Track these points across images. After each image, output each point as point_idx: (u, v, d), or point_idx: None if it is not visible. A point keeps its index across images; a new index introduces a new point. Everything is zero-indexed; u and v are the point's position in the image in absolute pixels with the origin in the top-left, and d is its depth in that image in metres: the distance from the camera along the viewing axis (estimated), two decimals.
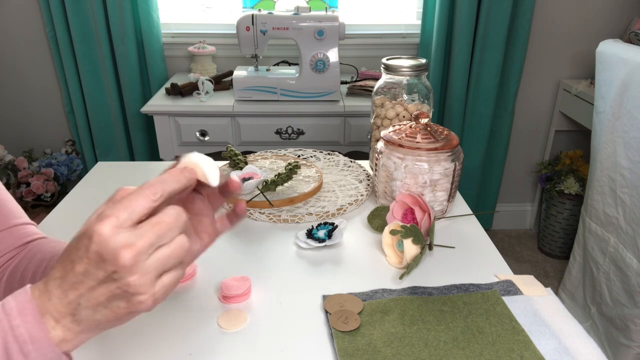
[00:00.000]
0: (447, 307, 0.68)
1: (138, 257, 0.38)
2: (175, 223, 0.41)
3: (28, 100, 2.16)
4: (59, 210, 0.97)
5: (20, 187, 2.02)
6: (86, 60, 1.98)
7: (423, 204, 0.82)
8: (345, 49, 2.06)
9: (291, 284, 0.75)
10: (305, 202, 0.97)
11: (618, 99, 1.40)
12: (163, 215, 0.40)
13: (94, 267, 0.38)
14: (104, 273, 0.38)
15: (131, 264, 0.38)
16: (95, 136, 2.13)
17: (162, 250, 0.40)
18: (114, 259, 0.38)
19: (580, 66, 2.18)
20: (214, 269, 0.78)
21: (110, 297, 0.39)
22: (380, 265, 0.79)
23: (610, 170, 1.47)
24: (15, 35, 2.04)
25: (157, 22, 1.99)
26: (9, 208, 0.65)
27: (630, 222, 1.41)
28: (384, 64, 1.02)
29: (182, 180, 0.43)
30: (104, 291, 0.39)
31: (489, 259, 0.82)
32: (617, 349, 1.50)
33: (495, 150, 2.23)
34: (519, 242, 2.43)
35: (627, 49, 1.36)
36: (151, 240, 0.39)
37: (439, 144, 0.86)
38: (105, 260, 0.38)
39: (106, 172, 1.14)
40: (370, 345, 0.61)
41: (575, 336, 0.63)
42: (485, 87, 2.06)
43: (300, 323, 0.67)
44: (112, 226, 0.38)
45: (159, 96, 1.84)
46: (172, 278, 0.41)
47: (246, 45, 1.70)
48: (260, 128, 1.78)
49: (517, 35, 2.01)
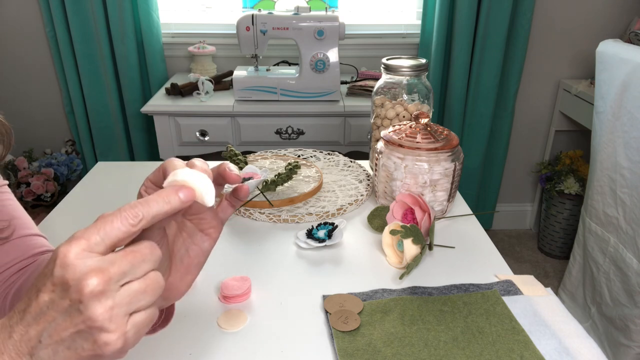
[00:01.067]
0: (447, 307, 0.68)
1: (107, 285, 0.33)
2: (150, 255, 0.36)
3: (28, 100, 2.16)
4: (59, 210, 0.97)
5: (20, 187, 2.02)
6: (86, 60, 1.98)
7: (423, 204, 0.82)
8: (345, 49, 2.06)
9: (291, 284, 0.75)
10: (305, 202, 0.97)
11: (618, 99, 1.40)
12: (139, 245, 0.36)
13: (58, 295, 0.33)
14: (69, 302, 0.33)
15: (99, 292, 0.33)
16: (95, 136, 2.13)
17: (135, 284, 0.35)
18: (79, 284, 0.32)
19: (580, 66, 2.18)
20: (214, 269, 0.78)
21: (74, 334, 0.33)
22: (380, 265, 0.79)
23: (610, 170, 1.47)
24: (15, 35, 2.04)
25: (157, 22, 1.99)
26: (21, 219, 0.64)
27: (630, 222, 1.40)
28: (384, 64, 1.02)
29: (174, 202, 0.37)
30: (67, 325, 0.33)
31: (489, 259, 0.82)
32: (617, 349, 1.50)
33: (495, 150, 2.23)
34: (519, 242, 2.43)
35: (627, 49, 1.36)
36: (123, 269, 0.34)
37: (439, 144, 0.86)
38: (70, 286, 0.33)
39: (106, 172, 1.14)
40: (370, 345, 0.61)
41: (575, 336, 0.63)
42: (485, 87, 2.06)
43: (300, 323, 0.67)
44: (81, 249, 0.33)
45: (159, 96, 1.84)
46: (145, 317, 0.36)
47: (246, 45, 1.70)
48: (260, 128, 1.78)
49: (517, 35, 2.01)
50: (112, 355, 0.34)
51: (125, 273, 0.34)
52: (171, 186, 0.39)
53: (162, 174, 0.43)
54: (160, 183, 0.42)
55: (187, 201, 0.38)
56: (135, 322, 0.35)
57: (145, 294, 0.35)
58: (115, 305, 0.33)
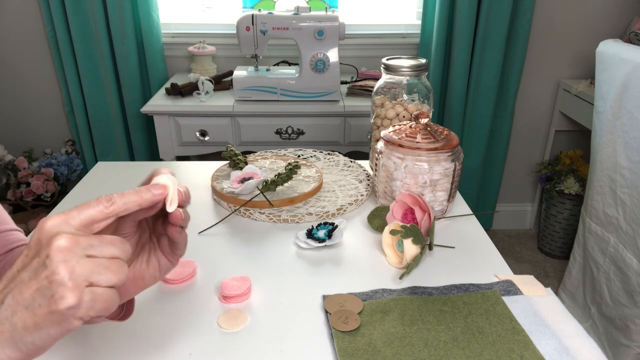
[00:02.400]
0: (447, 307, 0.68)
1: (74, 246, 0.36)
2: (119, 244, 0.39)
3: (28, 100, 2.16)
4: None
5: (20, 187, 2.02)
6: (86, 60, 1.98)
7: (423, 204, 0.82)
8: (345, 49, 2.06)
9: (291, 284, 0.75)
10: (305, 202, 0.97)
11: (618, 99, 1.40)
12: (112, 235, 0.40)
13: (30, 257, 0.37)
14: (38, 259, 0.37)
15: (65, 249, 0.36)
16: (95, 136, 2.13)
17: (99, 259, 0.38)
18: (49, 241, 0.36)
19: (580, 66, 2.18)
20: (214, 269, 0.78)
21: (35, 292, 0.36)
22: (380, 265, 0.79)
23: (610, 170, 1.47)
24: (15, 35, 2.04)
25: (157, 22, 1.99)
26: None
27: (630, 222, 1.40)
28: (384, 64, 1.02)
29: (145, 195, 0.42)
30: (32, 284, 0.36)
31: (489, 259, 0.82)
32: (617, 349, 1.50)
33: (495, 150, 2.23)
34: (519, 242, 2.43)
35: (627, 49, 1.36)
36: (91, 242, 0.38)
37: (439, 144, 0.86)
38: (42, 244, 0.37)
39: (106, 172, 1.14)
40: (370, 345, 0.61)
41: (575, 336, 0.63)
42: (485, 87, 2.06)
43: (300, 323, 0.67)
44: (59, 219, 0.38)
45: (159, 96, 1.84)
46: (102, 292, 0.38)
47: (246, 45, 1.70)
48: (260, 128, 1.78)
49: (517, 35, 2.01)
50: (68, 313, 0.36)
51: (93, 246, 0.38)
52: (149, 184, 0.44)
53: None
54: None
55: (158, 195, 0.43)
56: (92, 291, 0.37)
57: (107, 270, 0.38)
58: (77, 266, 0.36)
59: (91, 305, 0.37)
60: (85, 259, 0.37)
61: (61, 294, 0.36)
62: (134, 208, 0.42)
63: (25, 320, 0.36)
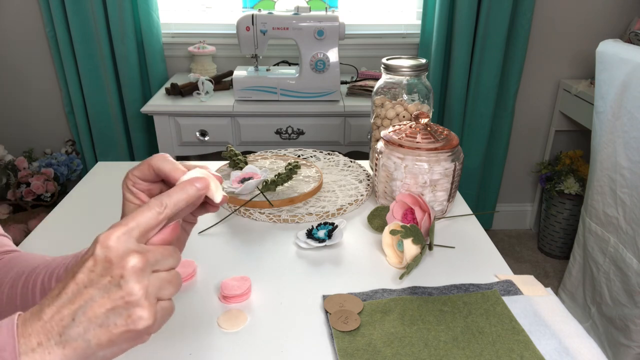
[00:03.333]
0: (447, 307, 0.68)
1: (145, 265, 0.37)
2: (174, 253, 0.40)
3: (28, 100, 2.16)
4: (59, 210, 0.97)
5: (20, 187, 2.02)
6: (86, 60, 1.98)
7: (423, 204, 0.82)
8: (345, 49, 2.06)
9: (291, 284, 0.75)
10: (305, 202, 0.97)
11: (618, 99, 1.40)
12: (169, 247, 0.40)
13: (98, 274, 0.36)
14: (109, 279, 0.36)
15: (139, 269, 0.36)
16: (95, 136, 2.13)
17: (163, 274, 0.39)
18: (122, 261, 0.36)
19: (580, 66, 2.18)
20: (214, 269, 0.78)
21: (109, 311, 0.36)
22: (380, 265, 0.79)
23: (610, 170, 1.47)
24: (15, 35, 2.04)
25: (157, 22, 1.99)
26: None
27: (630, 222, 1.40)
28: (384, 64, 1.02)
29: (190, 191, 0.42)
30: (104, 302, 0.36)
31: (489, 259, 0.82)
32: (617, 349, 1.50)
33: (495, 150, 2.23)
34: (519, 242, 2.43)
35: (627, 49, 1.36)
36: (156, 257, 0.38)
37: (439, 144, 0.86)
38: (113, 264, 0.36)
39: (106, 172, 1.14)
40: (370, 345, 0.61)
41: (575, 336, 0.63)
42: (485, 87, 2.06)
43: (300, 323, 0.67)
44: (121, 233, 0.37)
45: (159, 96, 1.84)
46: (168, 306, 0.39)
47: (246, 45, 1.70)
48: (260, 128, 1.78)
49: (517, 35, 2.01)
50: (143, 331, 0.37)
51: (158, 261, 0.38)
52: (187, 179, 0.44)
53: (151, 171, 0.46)
54: (149, 179, 0.47)
55: (202, 189, 0.43)
56: (162, 307, 0.38)
57: (170, 284, 0.39)
58: (149, 285, 0.37)
59: (162, 320, 0.39)
60: (153, 276, 0.38)
61: (139, 315, 0.36)
62: (184, 206, 0.42)
63: (99, 337, 0.36)
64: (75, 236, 0.88)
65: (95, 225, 0.91)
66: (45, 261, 0.58)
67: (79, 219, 0.94)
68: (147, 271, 0.37)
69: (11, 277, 0.58)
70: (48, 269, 0.56)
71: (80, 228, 0.91)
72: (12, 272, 0.58)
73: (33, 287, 0.55)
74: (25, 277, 0.56)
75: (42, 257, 0.61)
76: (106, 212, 0.94)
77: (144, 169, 0.47)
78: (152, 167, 0.46)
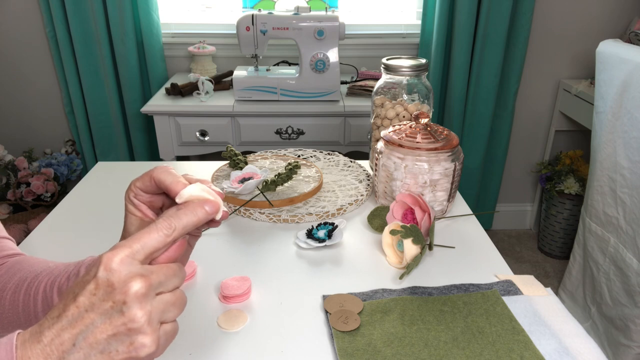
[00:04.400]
0: (447, 307, 0.68)
1: (148, 290, 0.36)
2: (179, 272, 0.39)
3: (28, 100, 2.16)
4: (59, 210, 0.97)
5: (20, 187, 2.02)
6: (86, 60, 1.98)
7: (423, 204, 0.82)
8: (345, 49, 2.06)
9: (291, 284, 0.75)
10: (305, 202, 0.97)
11: (618, 99, 1.40)
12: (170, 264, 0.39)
13: (100, 298, 0.35)
14: (111, 304, 0.35)
15: (142, 295, 0.35)
16: (95, 136, 2.13)
17: (167, 296, 0.38)
18: (124, 287, 0.35)
19: (580, 66, 2.18)
20: (214, 269, 0.78)
21: (111, 337, 0.35)
22: (380, 265, 0.79)
23: (610, 170, 1.47)
24: (15, 36, 2.04)
25: (157, 22, 1.99)
26: None
27: (630, 222, 1.40)
28: (384, 64, 1.02)
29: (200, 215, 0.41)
30: (105, 328, 0.35)
31: (489, 259, 0.82)
32: (617, 349, 1.50)
33: (495, 150, 2.23)
34: (519, 242, 2.43)
35: (627, 49, 1.36)
36: (160, 279, 0.37)
37: (439, 144, 0.86)
38: (115, 288, 0.35)
39: (106, 172, 1.14)
40: (370, 345, 0.61)
41: (575, 336, 0.63)
42: (485, 87, 2.06)
43: (300, 323, 0.67)
44: (125, 255, 0.36)
45: (159, 96, 1.84)
46: (171, 329, 0.38)
47: (246, 45, 1.70)
48: (260, 128, 1.78)
49: (517, 35, 2.01)
50: (146, 358, 0.36)
51: (161, 283, 0.37)
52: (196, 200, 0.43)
53: (152, 182, 0.45)
54: (150, 190, 0.46)
55: (212, 213, 0.42)
56: (165, 330, 0.37)
57: (174, 306, 0.38)
58: (152, 310, 0.36)
59: (165, 344, 0.38)
60: (156, 300, 0.37)
61: (141, 342, 0.35)
62: (192, 229, 0.41)
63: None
64: (75, 236, 0.88)
65: (95, 225, 0.91)
66: (48, 267, 0.58)
67: (79, 219, 0.94)
68: (151, 295, 0.36)
69: (14, 283, 0.57)
70: (50, 277, 0.56)
71: (80, 228, 0.90)
72: (15, 278, 0.58)
73: (35, 295, 0.55)
74: (27, 284, 0.56)
75: (45, 262, 0.60)
76: (106, 212, 0.94)
77: (145, 180, 0.46)
78: (153, 179, 0.45)
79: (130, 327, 0.35)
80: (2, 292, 0.57)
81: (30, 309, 0.55)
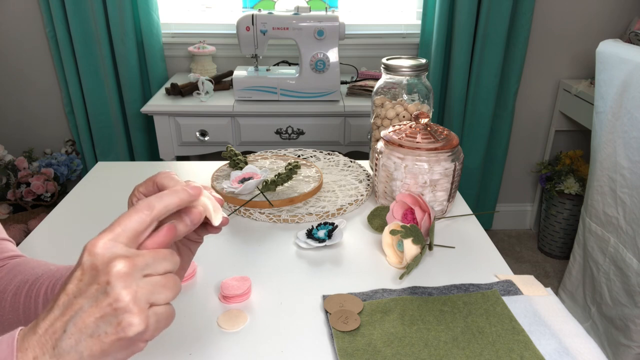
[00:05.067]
0: (447, 307, 0.68)
1: (132, 269, 0.36)
2: (170, 256, 0.39)
3: (28, 100, 2.16)
4: (59, 210, 0.97)
5: (20, 187, 2.02)
6: (86, 60, 1.98)
7: (423, 204, 0.82)
8: (345, 49, 2.06)
9: (291, 284, 0.75)
10: (305, 202, 0.97)
11: (618, 99, 1.40)
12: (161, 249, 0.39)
13: (86, 283, 0.36)
14: (96, 286, 0.36)
15: (125, 274, 0.35)
16: (95, 136, 2.13)
17: (156, 278, 0.38)
18: (107, 267, 0.35)
19: (580, 66, 2.18)
20: (214, 269, 0.78)
21: (98, 320, 0.35)
22: (380, 265, 0.79)
23: (610, 170, 1.47)
24: (15, 35, 2.04)
25: (157, 22, 1.99)
26: None
27: (630, 222, 1.40)
28: (384, 64, 1.02)
29: (182, 195, 0.41)
30: (92, 311, 0.35)
31: (489, 259, 0.82)
32: (617, 349, 1.50)
33: (495, 150, 2.23)
34: (519, 242, 2.43)
35: (627, 49, 1.36)
36: (146, 261, 0.37)
37: (439, 144, 0.86)
38: (99, 270, 0.36)
39: (106, 172, 1.14)
40: (370, 345, 0.61)
41: (575, 336, 0.63)
42: (485, 87, 2.06)
43: (300, 323, 0.67)
44: (107, 239, 0.37)
45: (159, 96, 1.84)
46: (164, 311, 0.38)
47: (246, 45, 1.70)
48: (260, 128, 1.78)
49: (517, 35, 2.01)
50: (135, 338, 0.36)
51: (148, 265, 0.37)
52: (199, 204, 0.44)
53: (155, 187, 0.46)
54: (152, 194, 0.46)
55: (195, 195, 0.42)
56: (155, 311, 0.37)
57: (165, 288, 0.38)
58: (138, 290, 0.36)
59: (156, 326, 0.37)
60: (143, 281, 0.37)
61: (128, 321, 0.35)
62: (174, 209, 0.41)
63: (91, 348, 0.36)
64: (75, 236, 0.88)
65: (95, 225, 0.91)
66: (49, 270, 0.58)
67: (79, 219, 0.94)
68: (136, 276, 0.36)
69: (15, 285, 0.57)
70: (52, 279, 0.56)
71: (80, 228, 0.91)
72: (16, 280, 0.58)
73: (36, 298, 0.55)
74: (28, 287, 0.56)
75: (46, 264, 0.60)
76: (106, 212, 0.94)
77: (149, 185, 0.46)
78: (156, 184, 0.46)
79: (115, 306, 0.35)
80: (2, 294, 0.57)
81: (32, 311, 0.55)
